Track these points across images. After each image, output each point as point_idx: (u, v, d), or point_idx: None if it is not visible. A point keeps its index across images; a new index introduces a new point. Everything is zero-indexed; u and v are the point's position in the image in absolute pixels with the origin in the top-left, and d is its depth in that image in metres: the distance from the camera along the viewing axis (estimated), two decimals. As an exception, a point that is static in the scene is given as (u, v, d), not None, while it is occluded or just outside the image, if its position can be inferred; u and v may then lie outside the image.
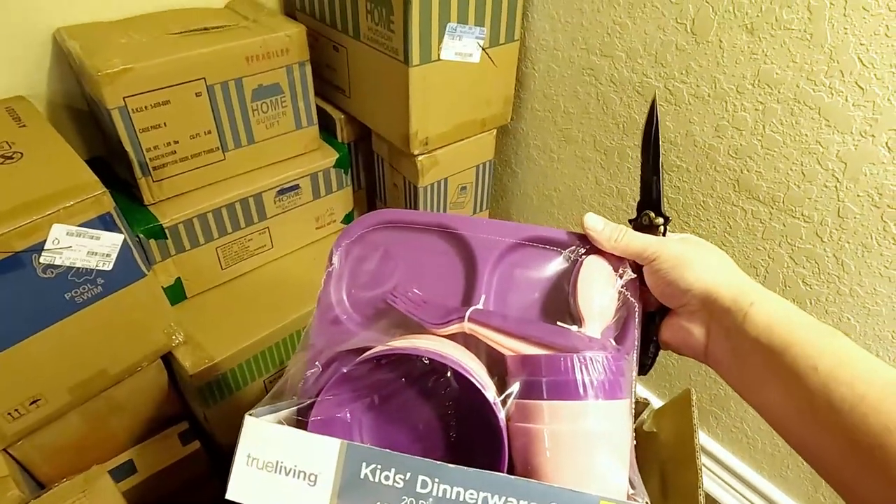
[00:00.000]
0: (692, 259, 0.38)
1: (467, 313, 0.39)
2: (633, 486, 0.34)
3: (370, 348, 0.37)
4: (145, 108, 0.72)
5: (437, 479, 0.31)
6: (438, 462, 0.31)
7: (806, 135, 0.66)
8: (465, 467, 0.31)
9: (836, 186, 0.66)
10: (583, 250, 0.42)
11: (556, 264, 0.43)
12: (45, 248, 0.59)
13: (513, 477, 0.31)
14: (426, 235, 0.44)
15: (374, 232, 0.45)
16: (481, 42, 0.82)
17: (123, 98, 0.69)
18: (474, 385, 0.33)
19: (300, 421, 0.37)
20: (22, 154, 0.65)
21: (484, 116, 0.92)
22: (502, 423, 0.34)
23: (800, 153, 0.67)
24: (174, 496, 0.80)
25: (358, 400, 0.39)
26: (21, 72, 0.79)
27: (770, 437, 0.89)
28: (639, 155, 0.45)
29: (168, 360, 0.78)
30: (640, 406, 0.67)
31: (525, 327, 0.39)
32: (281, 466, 0.32)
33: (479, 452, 0.37)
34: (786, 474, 0.90)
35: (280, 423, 0.35)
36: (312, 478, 0.32)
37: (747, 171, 0.73)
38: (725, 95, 0.71)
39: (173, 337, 0.76)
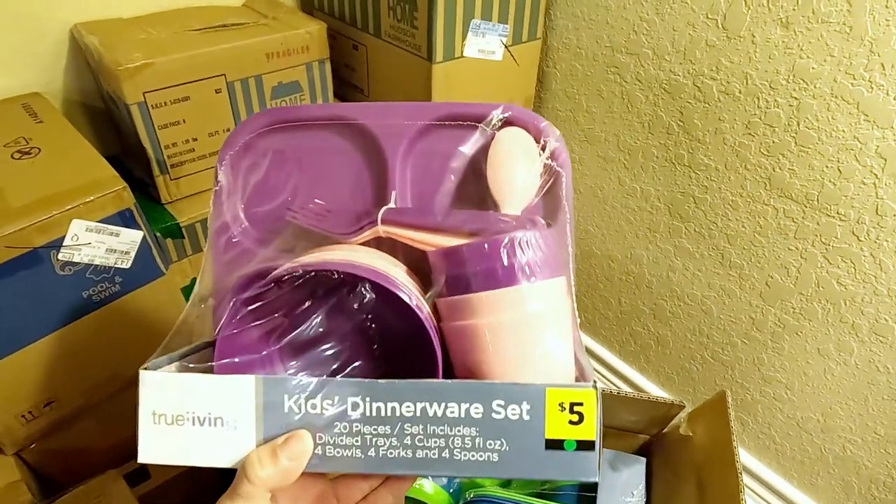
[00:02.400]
0: None
1: (379, 215, 0.35)
2: (580, 367, 0.32)
3: (272, 269, 0.33)
4: (165, 104, 0.70)
5: (368, 399, 0.29)
6: (367, 380, 0.29)
7: (843, 130, 0.64)
8: (396, 380, 0.29)
9: (874, 183, 0.64)
10: (501, 121, 0.36)
11: (474, 142, 0.37)
12: (65, 244, 0.57)
13: (449, 381, 0.29)
14: (322, 132, 0.38)
15: (263, 137, 0.38)
16: (504, 39, 0.81)
17: (143, 93, 0.68)
18: (393, 292, 0.30)
19: (201, 364, 0.33)
20: (39, 149, 0.63)
21: (505, 116, 0.90)
22: (427, 323, 0.31)
23: (836, 149, 0.65)
24: (189, 502, 0.78)
25: (268, 329, 0.35)
26: (37, 68, 0.78)
27: (799, 444, 0.87)
28: (665, 154, 0.41)
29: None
30: (676, 408, 0.66)
31: (442, 219, 0.35)
32: (194, 417, 0.29)
33: (414, 362, 0.34)
34: (816, 482, 0.87)
35: (184, 371, 0.31)
36: (231, 421, 0.29)
37: (780, 168, 0.71)
38: (758, 92, 0.69)
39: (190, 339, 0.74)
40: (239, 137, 0.38)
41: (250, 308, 0.32)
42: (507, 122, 0.36)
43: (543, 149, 0.35)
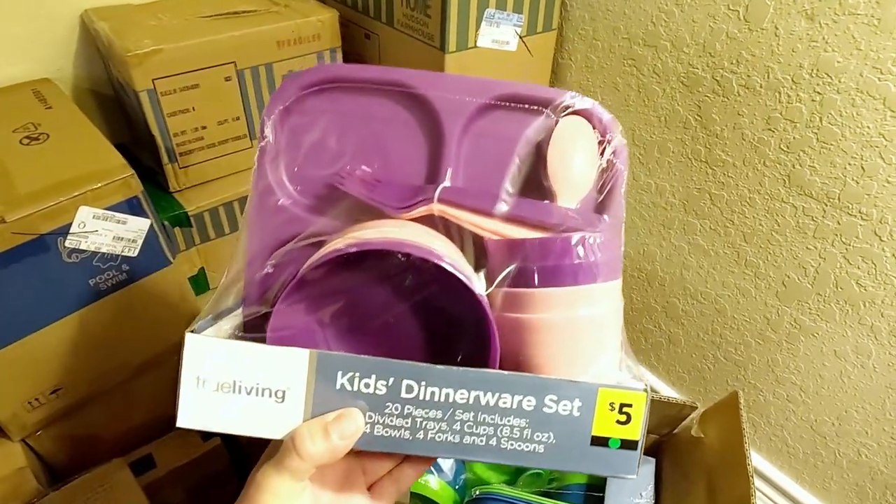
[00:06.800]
0: None
1: (436, 193, 0.34)
2: (629, 370, 0.33)
3: (328, 241, 0.32)
4: (174, 91, 0.70)
5: (423, 382, 0.29)
6: (424, 364, 0.29)
7: (868, 127, 0.62)
8: (453, 367, 0.29)
9: (899, 182, 0.62)
10: (568, 108, 0.35)
11: (536, 127, 0.35)
12: (71, 231, 0.56)
13: (505, 372, 0.29)
14: (380, 98, 0.36)
15: (316, 95, 0.36)
16: (518, 30, 0.80)
17: (152, 80, 0.67)
18: (457, 278, 0.30)
19: (249, 334, 0.33)
20: (48, 135, 0.63)
21: (518, 108, 0.89)
22: (491, 318, 0.31)
23: (860, 146, 0.63)
24: (193, 492, 0.78)
25: (321, 304, 0.34)
26: (47, 54, 0.77)
27: (812, 447, 0.85)
28: (681, 149, 0.40)
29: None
30: (688, 409, 0.64)
31: (509, 206, 0.34)
32: (240, 386, 0.29)
33: (463, 348, 0.34)
34: (829, 486, 0.86)
35: (230, 337, 0.31)
36: (280, 394, 0.29)
37: (800, 165, 0.69)
38: (779, 86, 0.67)
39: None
40: (290, 91, 0.36)
41: (307, 282, 0.32)
42: (571, 111, 0.35)
43: (608, 144, 0.34)
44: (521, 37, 0.80)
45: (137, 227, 0.61)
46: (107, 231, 0.59)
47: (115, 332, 0.65)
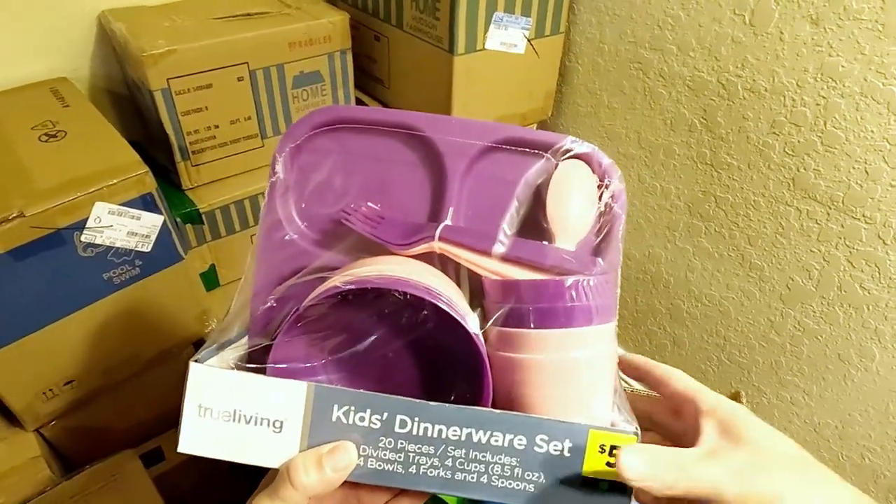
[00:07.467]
0: None
1: (437, 231, 0.34)
2: (620, 412, 0.32)
3: (330, 277, 0.33)
4: (188, 90, 0.71)
5: (417, 418, 0.30)
6: (418, 400, 0.29)
7: (872, 131, 0.63)
8: (447, 404, 0.29)
9: (902, 186, 0.63)
10: (568, 152, 0.35)
11: (536, 170, 0.36)
12: (87, 226, 0.58)
13: (497, 411, 0.30)
14: (386, 138, 0.37)
15: (325, 134, 0.37)
16: (526, 33, 0.81)
17: (167, 80, 0.69)
18: (452, 316, 0.30)
19: (252, 364, 0.33)
20: (65, 133, 0.64)
21: (525, 110, 0.90)
22: (485, 356, 0.31)
23: (864, 150, 0.64)
24: (202, 485, 0.79)
25: (321, 338, 0.35)
26: (65, 54, 0.79)
27: (815, 450, 0.85)
28: (686, 152, 0.40)
29: (200, 347, 0.77)
30: (690, 409, 0.65)
31: (506, 247, 0.35)
32: (240, 415, 0.30)
33: (457, 384, 0.34)
34: (832, 490, 0.86)
35: (231, 368, 0.32)
36: (278, 424, 0.30)
37: (804, 169, 0.70)
38: (784, 90, 0.68)
39: (206, 324, 0.75)
40: (301, 130, 0.37)
41: (307, 317, 0.33)
42: (571, 155, 0.36)
43: (606, 188, 0.35)
44: (528, 40, 0.81)
45: (151, 223, 0.63)
46: (121, 226, 0.61)
47: (128, 326, 0.67)
